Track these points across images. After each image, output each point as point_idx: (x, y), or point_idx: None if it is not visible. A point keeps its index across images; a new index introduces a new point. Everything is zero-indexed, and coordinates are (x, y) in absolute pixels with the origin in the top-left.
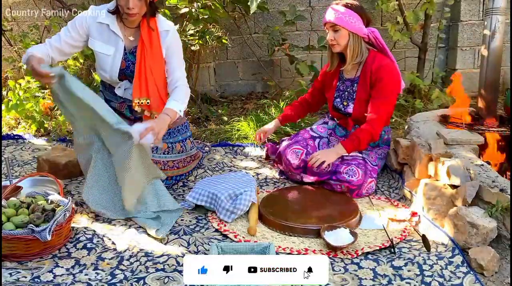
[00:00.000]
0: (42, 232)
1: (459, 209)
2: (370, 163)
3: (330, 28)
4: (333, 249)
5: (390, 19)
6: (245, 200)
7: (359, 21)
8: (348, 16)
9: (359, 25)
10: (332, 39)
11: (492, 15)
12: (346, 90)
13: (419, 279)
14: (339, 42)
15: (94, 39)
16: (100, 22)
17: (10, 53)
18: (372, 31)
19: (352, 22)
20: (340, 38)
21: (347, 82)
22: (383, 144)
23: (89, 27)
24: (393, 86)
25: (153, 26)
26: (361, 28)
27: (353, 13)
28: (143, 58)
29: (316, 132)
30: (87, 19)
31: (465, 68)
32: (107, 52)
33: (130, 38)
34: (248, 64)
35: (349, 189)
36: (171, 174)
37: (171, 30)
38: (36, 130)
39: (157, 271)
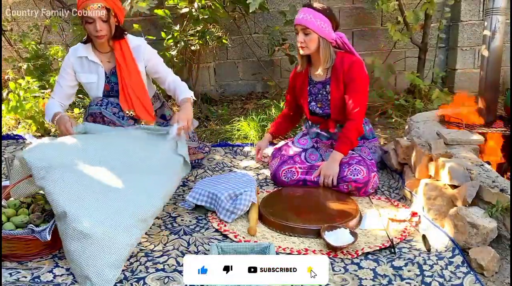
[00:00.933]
0: (42, 232)
1: (459, 209)
2: (367, 158)
3: (301, 31)
4: (333, 249)
5: (390, 19)
6: (245, 200)
7: (329, 26)
8: (319, 21)
9: (329, 30)
10: (302, 42)
11: (492, 15)
12: (319, 93)
13: (419, 279)
14: (309, 45)
15: (79, 73)
16: (79, 57)
17: (10, 53)
18: (340, 36)
19: (322, 27)
20: (310, 42)
21: (318, 85)
22: (369, 136)
23: (73, 65)
24: (365, 81)
25: (124, 46)
26: (330, 33)
27: (325, 18)
28: (122, 78)
29: (298, 146)
30: (70, 58)
31: (465, 68)
32: (91, 81)
33: (108, 62)
34: (248, 64)
35: (357, 188)
36: None
37: (142, 44)
38: (36, 130)
39: (157, 271)
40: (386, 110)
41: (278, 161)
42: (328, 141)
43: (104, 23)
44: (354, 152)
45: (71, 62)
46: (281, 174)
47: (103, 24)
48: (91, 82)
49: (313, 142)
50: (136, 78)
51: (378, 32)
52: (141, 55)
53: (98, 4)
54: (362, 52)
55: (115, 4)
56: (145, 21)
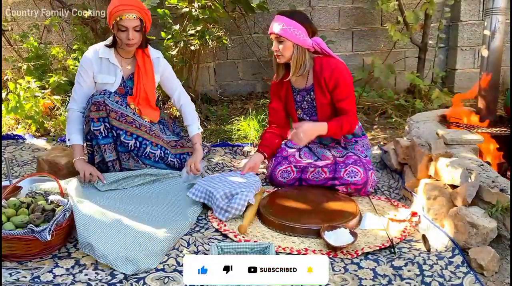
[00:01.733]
0: (42, 232)
1: (459, 209)
2: (361, 156)
3: (275, 39)
4: (333, 249)
5: (390, 19)
6: (240, 200)
7: (303, 33)
8: (293, 28)
9: (304, 37)
10: (277, 50)
11: (492, 15)
12: (304, 100)
13: (419, 279)
14: (283, 53)
15: (97, 73)
16: (100, 57)
17: (10, 53)
18: (317, 42)
19: (296, 34)
20: (284, 50)
21: (301, 92)
22: (359, 134)
23: (92, 65)
24: (350, 82)
25: (146, 55)
26: (305, 40)
27: (298, 25)
28: (139, 80)
29: (292, 147)
30: (90, 58)
31: (465, 68)
32: (108, 81)
33: (128, 67)
34: (248, 64)
35: (356, 189)
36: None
37: (161, 57)
38: (36, 130)
39: (157, 271)
40: (386, 110)
41: (274, 162)
42: (319, 144)
43: (136, 32)
44: (348, 150)
45: (91, 62)
46: (277, 174)
47: (136, 33)
48: (107, 83)
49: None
50: (150, 86)
51: (378, 32)
52: (159, 67)
53: (134, 14)
54: (362, 52)
55: (147, 15)
56: None
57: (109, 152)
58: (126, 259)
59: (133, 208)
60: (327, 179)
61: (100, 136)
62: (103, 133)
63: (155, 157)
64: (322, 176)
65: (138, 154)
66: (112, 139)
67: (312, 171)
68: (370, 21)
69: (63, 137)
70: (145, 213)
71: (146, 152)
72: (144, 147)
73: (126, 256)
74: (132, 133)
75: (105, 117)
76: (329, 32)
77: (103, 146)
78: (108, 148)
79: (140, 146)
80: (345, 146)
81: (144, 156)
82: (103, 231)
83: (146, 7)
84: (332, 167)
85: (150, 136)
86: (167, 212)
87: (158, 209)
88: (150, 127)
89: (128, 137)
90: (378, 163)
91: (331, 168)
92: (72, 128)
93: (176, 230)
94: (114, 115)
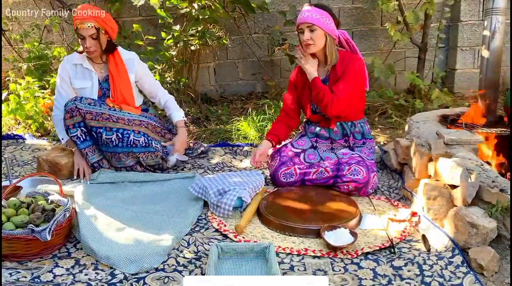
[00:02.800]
0: (42, 232)
1: (459, 209)
2: (366, 159)
3: (307, 29)
4: (333, 249)
5: (390, 19)
6: (230, 195)
7: (333, 23)
8: (324, 17)
9: (333, 26)
10: (309, 39)
11: (492, 15)
12: None
13: (419, 279)
14: (316, 42)
15: (73, 79)
16: (74, 64)
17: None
18: (342, 33)
19: (328, 23)
20: (317, 39)
21: None
22: (368, 137)
23: (68, 71)
24: (359, 75)
25: (117, 58)
26: (334, 30)
27: (328, 15)
28: (114, 83)
29: (298, 148)
30: (65, 65)
31: (465, 68)
32: (84, 86)
33: (101, 71)
34: (248, 64)
35: (357, 187)
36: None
37: (135, 58)
38: (36, 130)
39: (157, 271)
40: (386, 110)
41: (277, 162)
42: (327, 141)
43: (93, 40)
44: (354, 152)
45: (66, 69)
46: (280, 175)
47: (93, 41)
48: (84, 88)
49: (312, 142)
50: (126, 86)
51: (378, 32)
52: (133, 68)
53: (88, 24)
54: (362, 52)
55: (106, 23)
56: (145, 21)
57: (91, 154)
58: (128, 259)
59: (136, 208)
60: (329, 177)
61: (78, 141)
62: (81, 138)
63: (140, 143)
64: (325, 175)
65: (124, 145)
66: (91, 142)
67: (315, 171)
68: (370, 21)
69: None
70: (148, 213)
71: (130, 140)
72: (127, 136)
73: (129, 257)
74: (112, 128)
75: (81, 121)
76: None
77: (83, 150)
78: (89, 150)
79: (122, 137)
80: (352, 146)
81: (130, 145)
82: (107, 236)
83: (105, 16)
84: (335, 166)
85: (130, 126)
86: (169, 212)
87: (161, 209)
88: (128, 118)
89: (109, 133)
90: (378, 163)
91: (334, 168)
92: (61, 128)
93: (178, 230)
94: (89, 117)
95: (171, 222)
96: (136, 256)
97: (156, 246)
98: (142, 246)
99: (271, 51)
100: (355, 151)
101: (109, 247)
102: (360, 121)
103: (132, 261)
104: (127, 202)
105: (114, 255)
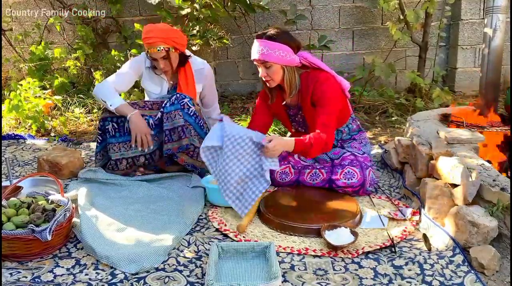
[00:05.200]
0: (43, 232)
1: (460, 208)
2: (358, 154)
3: (262, 65)
4: (333, 249)
5: (390, 18)
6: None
7: (289, 52)
8: (277, 50)
9: (290, 56)
10: (265, 75)
11: (493, 14)
12: (298, 114)
13: (420, 278)
14: (273, 78)
15: (144, 79)
16: (148, 67)
17: (11, 53)
18: (304, 57)
19: (282, 55)
20: (273, 74)
21: (293, 109)
22: (355, 132)
23: (143, 71)
24: (331, 94)
25: (188, 70)
26: (293, 60)
27: (281, 45)
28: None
29: None
30: (142, 63)
31: (465, 67)
32: (154, 91)
33: (171, 81)
34: (249, 64)
35: (353, 191)
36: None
37: (205, 67)
38: (37, 130)
39: (157, 270)
40: (387, 109)
41: None
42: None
43: (165, 60)
44: (345, 149)
45: (142, 68)
46: (276, 174)
47: (165, 61)
48: (153, 93)
49: None
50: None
51: (378, 31)
52: (202, 78)
53: (159, 47)
54: (363, 51)
55: (174, 41)
56: (146, 21)
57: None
58: (129, 259)
59: (137, 207)
60: (324, 181)
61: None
62: (111, 133)
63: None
64: (319, 178)
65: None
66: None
67: (309, 172)
68: (370, 20)
69: (64, 137)
70: (149, 213)
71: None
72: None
73: (129, 256)
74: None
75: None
76: (329, 31)
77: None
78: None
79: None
80: (341, 144)
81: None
82: (108, 236)
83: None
84: (329, 168)
85: (150, 111)
86: (170, 211)
87: (161, 209)
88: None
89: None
90: (378, 162)
91: (328, 169)
92: (109, 94)
93: (178, 230)
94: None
95: (172, 222)
96: (137, 255)
97: (156, 246)
98: (142, 246)
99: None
100: (345, 148)
101: (109, 247)
102: (344, 126)
103: (133, 261)
104: (127, 201)
105: (115, 254)
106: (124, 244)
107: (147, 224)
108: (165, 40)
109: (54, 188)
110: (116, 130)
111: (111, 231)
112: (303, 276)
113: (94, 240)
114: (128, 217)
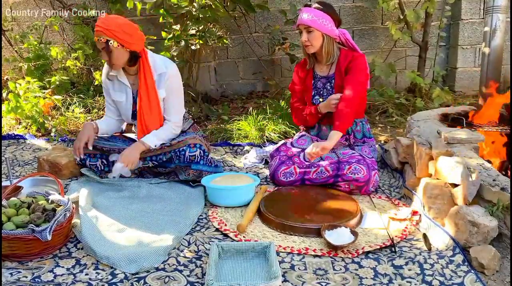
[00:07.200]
0: (43, 232)
1: (460, 208)
2: (367, 157)
3: (304, 30)
4: (333, 248)
5: (390, 17)
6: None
7: (331, 23)
8: (321, 18)
9: (332, 27)
10: (306, 40)
11: (493, 14)
12: (324, 87)
13: (420, 278)
14: (313, 43)
15: (111, 90)
16: (111, 75)
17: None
18: (343, 32)
19: (325, 24)
20: (314, 40)
21: (322, 79)
22: (368, 136)
23: (106, 83)
24: (363, 72)
25: (148, 75)
26: (333, 30)
27: (326, 15)
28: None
29: (298, 146)
30: (103, 76)
31: (466, 66)
32: (120, 99)
33: (134, 84)
34: (249, 64)
35: (358, 186)
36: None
37: (167, 72)
38: (37, 130)
39: (157, 270)
40: (387, 109)
41: (277, 161)
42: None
43: (106, 52)
44: (354, 151)
45: (105, 82)
46: (279, 174)
47: (106, 53)
48: (120, 101)
49: (314, 140)
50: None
51: (378, 31)
52: (162, 83)
53: (100, 37)
54: (363, 51)
55: (115, 35)
56: (146, 21)
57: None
58: (129, 259)
59: (137, 207)
60: (329, 176)
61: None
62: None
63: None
64: (325, 175)
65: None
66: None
67: (315, 171)
68: (370, 20)
69: (64, 137)
70: (149, 213)
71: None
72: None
73: (129, 256)
74: None
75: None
76: None
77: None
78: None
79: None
80: (353, 145)
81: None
82: (108, 237)
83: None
84: (335, 165)
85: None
86: (170, 211)
87: (161, 209)
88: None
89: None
90: (379, 162)
91: (334, 167)
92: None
93: (178, 230)
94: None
95: (172, 222)
96: (137, 255)
97: (156, 246)
98: (142, 246)
99: (271, 51)
100: (355, 150)
101: (109, 248)
102: (361, 120)
103: (133, 261)
104: (128, 202)
105: (115, 255)
106: (124, 245)
107: (147, 223)
108: (106, 32)
109: (54, 188)
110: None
111: (112, 232)
112: (303, 276)
113: (95, 241)
114: (129, 218)
